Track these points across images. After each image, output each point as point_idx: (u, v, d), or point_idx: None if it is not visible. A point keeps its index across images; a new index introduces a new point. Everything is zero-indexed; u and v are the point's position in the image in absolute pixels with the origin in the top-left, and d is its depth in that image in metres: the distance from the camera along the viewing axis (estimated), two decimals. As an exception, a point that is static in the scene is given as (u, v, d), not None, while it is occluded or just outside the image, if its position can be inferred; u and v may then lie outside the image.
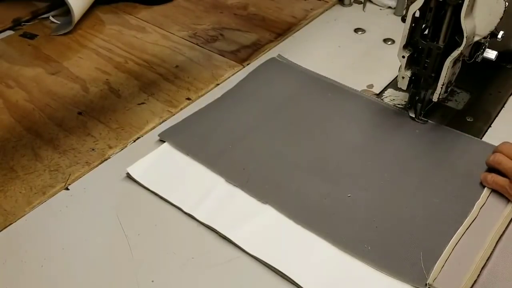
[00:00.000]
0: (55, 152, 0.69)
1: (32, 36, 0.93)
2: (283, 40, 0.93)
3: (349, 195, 0.63)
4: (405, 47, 0.69)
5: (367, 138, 0.72)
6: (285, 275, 0.54)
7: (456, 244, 0.57)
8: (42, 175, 0.66)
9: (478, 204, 0.61)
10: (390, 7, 1.02)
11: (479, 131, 0.73)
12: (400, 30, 0.68)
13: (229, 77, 0.84)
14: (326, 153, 0.69)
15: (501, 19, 0.62)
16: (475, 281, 0.53)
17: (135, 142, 0.71)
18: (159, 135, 0.71)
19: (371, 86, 0.82)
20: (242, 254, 0.57)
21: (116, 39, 0.93)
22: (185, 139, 0.70)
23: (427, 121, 0.74)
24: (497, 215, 0.60)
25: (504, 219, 0.59)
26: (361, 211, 0.61)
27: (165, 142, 0.70)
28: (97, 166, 0.67)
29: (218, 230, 0.59)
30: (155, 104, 0.78)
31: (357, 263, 0.56)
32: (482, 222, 0.59)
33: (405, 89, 0.72)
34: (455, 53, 0.65)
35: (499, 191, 0.62)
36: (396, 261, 0.56)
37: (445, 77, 0.67)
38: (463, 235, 0.58)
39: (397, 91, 0.79)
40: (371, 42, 0.93)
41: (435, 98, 0.70)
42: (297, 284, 0.54)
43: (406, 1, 0.67)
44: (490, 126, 0.74)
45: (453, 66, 0.67)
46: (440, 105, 0.75)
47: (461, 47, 0.64)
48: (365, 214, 0.61)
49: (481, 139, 0.72)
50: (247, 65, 0.87)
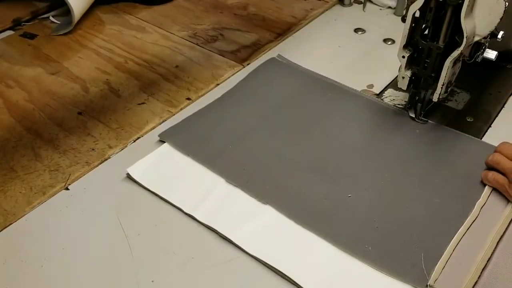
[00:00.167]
0: (55, 152, 0.69)
1: (32, 36, 0.93)
2: (283, 40, 0.93)
3: (349, 195, 0.63)
4: (405, 47, 0.69)
5: (367, 138, 0.72)
6: (285, 275, 0.54)
7: (457, 245, 0.57)
8: (42, 175, 0.66)
9: (479, 204, 0.61)
10: (390, 7, 1.02)
11: (479, 131, 0.73)
12: (400, 30, 0.68)
13: (229, 77, 0.84)
14: (326, 153, 0.69)
15: (501, 19, 0.62)
16: (476, 282, 0.53)
17: (135, 142, 0.71)
18: (159, 135, 0.71)
19: (371, 86, 0.82)
20: (242, 254, 0.57)
21: (116, 39, 0.93)
22: (185, 139, 0.70)
23: (427, 121, 0.74)
24: (497, 215, 0.60)
25: (505, 219, 0.59)
26: (362, 211, 0.61)
27: (165, 142, 0.70)
28: (97, 166, 0.67)
29: (218, 230, 0.59)
30: (155, 104, 0.78)
31: (357, 263, 0.56)
32: (483, 223, 0.59)
33: (405, 89, 0.72)
34: (455, 53, 0.65)
35: (499, 190, 0.62)
36: (396, 261, 0.56)
37: (445, 77, 0.67)
38: (463, 235, 0.58)
39: (397, 91, 0.79)
40: (371, 42, 0.93)
41: (435, 98, 0.70)
42: (297, 284, 0.54)
43: (406, 1, 0.67)
44: (490, 126, 0.74)
45: (453, 66, 0.67)
46: (440, 105, 0.75)
47: (461, 47, 0.64)
48: (365, 214, 0.61)
49: (481, 139, 0.72)
50: (247, 65, 0.87)
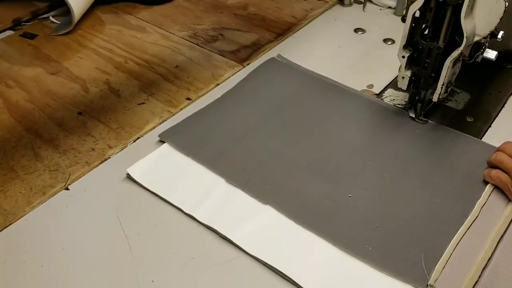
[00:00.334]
0: (55, 152, 0.69)
1: (32, 36, 0.93)
2: (283, 40, 0.93)
3: (349, 195, 0.63)
4: (405, 47, 0.69)
5: (367, 138, 0.72)
6: (285, 275, 0.54)
7: (457, 244, 0.57)
8: (42, 175, 0.66)
9: (479, 203, 0.61)
10: (390, 7, 1.02)
11: (479, 131, 0.73)
12: (400, 30, 0.68)
13: (229, 77, 0.83)
14: (326, 153, 0.69)
15: (501, 19, 0.62)
16: (476, 281, 0.53)
17: (135, 142, 0.71)
18: (159, 135, 0.71)
19: (371, 86, 0.82)
20: (242, 254, 0.57)
21: (116, 39, 0.93)
22: (185, 139, 0.70)
23: (427, 121, 0.74)
24: (498, 215, 0.60)
25: (505, 219, 0.59)
26: (362, 211, 0.61)
27: (165, 142, 0.70)
28: (97, 166, 0.67)
29: (218, 230, 0.59)
30: (155, 104, 0.78)
31: (357, 263, 0.56)
32: (483, 222, 0.59)
33: (405, 89, 0.72)
34: (455, 53, 0.65)
35: (501, 188, 0.62)
36: (397, 261, 0.56)
37: (445, 77, 0.67)
38: (464, 235, 0.58)
39: (397, 91, 0.79)
40: (371, 42, 0.93)
41: (435, 98, 0.70)
42: (297, 284, 0.54)
43: (406, 1, 0.67)
44: (490, 126, 0.74)
45: (453, 66, 0.67)
46: (440, 105, 0.75)
47: (461, 47, 0.64)
48: (365, 214, 0.61)
49: (481, 139, 0.72)
50: (247, 65, 0.86)
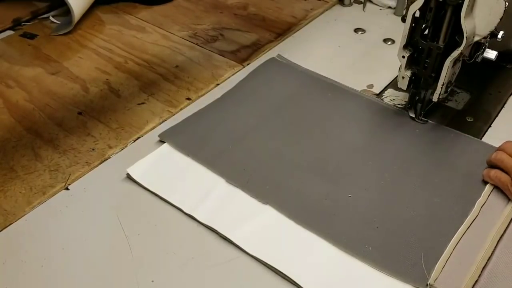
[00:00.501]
0: (55, 152, 0.69)
1: (32, 36, 0.93)
2: (283, 40, 0.93)
3: (349, 195, 0.63)
4: (405, 47, 0.69)
5: (367, 138, 0.72)
6: (285, 275, 0.54)
7: (457, 244, 0.57)
8: (42, 175, 0.66)
9: (479, 203, 0.61)
10: (390, 7, 1.02)
11: (479, 131, 0.73)
12: (400, 30, 0.68)
13: (229, 77, 0.84)
14: (326, 153, 0.69)
15: (501, 19, 0.62)
16: (476, 281, 0.53)
17: (135, 142, 0.71)
18: (159, 135, 0.71)
19: (371, 86, 0.82)
20: (242, 254, 0.57)
21: (116, 39, 0.93)
22: (185, 139, 0.70)
23: (427, 121, 0.74)
24: (497, 214, 0.60)
25: (505, 218, 0.59)
26: (362, 211, 0.61)
27: (165, 142, 0.70)
28: (97, 166, 0.67)
29: (218, 230, 0.59)
30: (155, 104, 0.78)
31: (357, 263, 0.56)
32: (483, 222, 0.59)
33: (405, 89, 0.72)
34: (455, 53, 0.65)
35: (500, 188, 0.62)
36: (397, 261, 0.56)
37: (445, 77, 0.67)
38: (463, 234, 0.58)
39: (397, 91, 0.79)
40: (371, 42, 0.93)
41: (435, 98, 0.70)
42: (297, 284, 0.54)
43: (406, 1, 0.67)
44: (490, 126, 0.74)
45: (453, 66, 0.67)
46: (440, 105, 0.75)
47: (461, 47, 0.64)
48: (365, 214, 0.61)
49: (481, 139, 0.72)
50: (247, 65, 0.86)
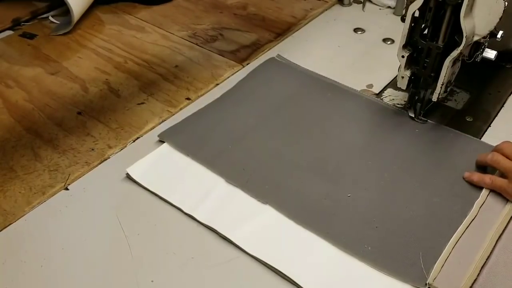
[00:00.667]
0: (54, 152, 0.69)
1: (31, 36, 0.93)
2: (282, 40, 0.93)
3: (349, 195, 0.63)
4: (404, 46, 0.69)
5: (367, 138, 0.72)
6: (285, 275, 0.54)
7: (456, 244, 0.57)
8: (41, 175, 0.66)
9: (478, 203, 0.61)
10: (389, 7, 1.02)
11: (478, 130, 0.73)
12: (399, 30, 0.68)
13: (228, 77, 0.84)
14: (326, 153, 0.69)
15: (500, 19, 0.62)
16: (475, 280, 0.53)
17: (134, 142, 0.71)
18: (158, 135, 0.71)
19: (370, 86, 0.82)
20: (242, 254, 0.57)
21: (116, 39, 0.93)
22: (185, 139, 0.70)
23: (427, 120, 0.74)
24: (496, 214, 0.60)
25: (504, 218, 0.59)
26: (361, 211, 0.61)
27: (164, 142, 0.70)
28: (96, 166, 0.67)
29: (218, 230, 0.59)
30: (154, 104, 0.78)
31: (357, 263, 0.56)
32: (482, 221, 0.59)
33: (404, 88, 0.72)
34: (455, 53, 0.65)
35: (498, 191, 0.62)
36: (396, 261, 0.56)
37: (445, 76, 0.67)
38: (462, 234, 0.58)
39: (397, 91, 0.79)
40: (370, 42, 0.93)
41: (434, 98, 0.70)
42: (297, 284, 0.54)
43: (406, 1, 0.67)
44: (489, 126, 0.75)
45: (452, 66, 0.67)
46: (439, 105, 0.75)
47: (461, 47, 0.64)
48: (365, 214, 0.61)
49: (480, 138, 0.72)
50: (247, 65, 0.87)
